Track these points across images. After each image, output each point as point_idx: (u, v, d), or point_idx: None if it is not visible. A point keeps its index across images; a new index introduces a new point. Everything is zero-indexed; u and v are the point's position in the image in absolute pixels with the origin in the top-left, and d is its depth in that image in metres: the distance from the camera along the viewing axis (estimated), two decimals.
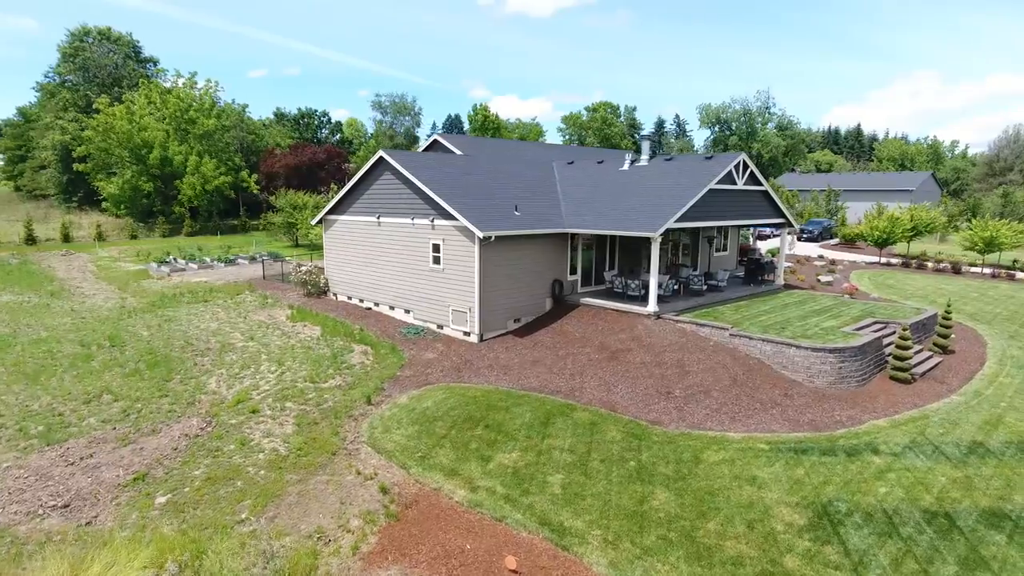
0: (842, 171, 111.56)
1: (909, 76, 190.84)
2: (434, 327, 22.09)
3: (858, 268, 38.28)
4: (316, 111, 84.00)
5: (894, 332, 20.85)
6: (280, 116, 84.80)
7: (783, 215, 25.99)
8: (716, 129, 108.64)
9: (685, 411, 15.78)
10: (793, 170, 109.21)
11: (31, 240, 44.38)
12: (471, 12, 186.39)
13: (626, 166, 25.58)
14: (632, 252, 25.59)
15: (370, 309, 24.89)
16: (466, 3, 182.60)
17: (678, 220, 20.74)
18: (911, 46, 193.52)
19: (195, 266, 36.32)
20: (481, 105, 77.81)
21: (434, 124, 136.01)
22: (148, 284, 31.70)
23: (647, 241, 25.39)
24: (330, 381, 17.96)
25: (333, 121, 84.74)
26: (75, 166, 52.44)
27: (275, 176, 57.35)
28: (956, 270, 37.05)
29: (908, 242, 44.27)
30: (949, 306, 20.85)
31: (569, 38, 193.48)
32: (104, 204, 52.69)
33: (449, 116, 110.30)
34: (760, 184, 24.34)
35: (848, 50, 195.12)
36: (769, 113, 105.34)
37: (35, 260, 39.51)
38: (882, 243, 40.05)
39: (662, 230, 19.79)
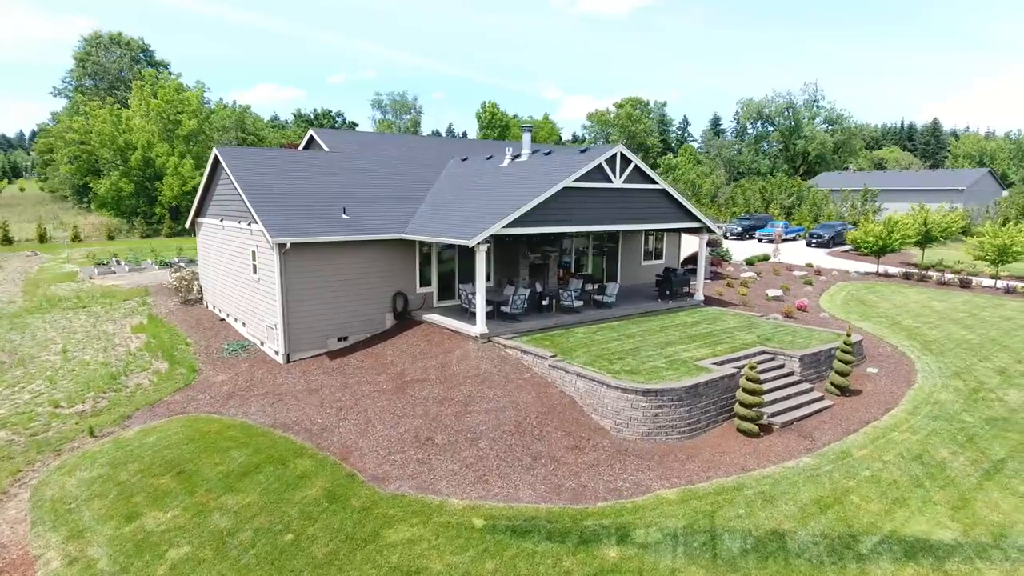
0: (915, 168, 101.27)
1: (1009, 70, 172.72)
2: (259, 343, 19.76)
3: (848, 279, 33.06)
4: (331, 111, 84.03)
5: (782, 365, 16.76)
6: (298, 116, 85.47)
7: (695, 218, 21.97)
8: (759, 125, 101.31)
9: (428, 464, 12.66)
10: (847, 168, 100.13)
11: (7, 240, 45.54)
12: (543, 13, 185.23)
13: (506, 162, 22.36)
14: (509, 261, 22.35)
15: (223, 320, 22.87)
16: (538, 4, 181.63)
17: (519, 225, 17.45)
18: (1008, 38, 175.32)
19: (127, 268, 35.67)
20: (490, 103, 75.35)
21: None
22: (62, 287, 31.04)
23: (519, 248, 22.19)
24: (78, 406, 15.93)
25: (347, 121, 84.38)
26: (61, 168, 53.83)
27: None
28: (964, 283, 31.20)
29: (922, 248, 38.17)
30: (849, 334, 16.45)
31: (642, 36, 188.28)
32: (91, 205, 53.84)
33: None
34: (653, 182, 20.51)
35: (937, 43, 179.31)
36: (817, 107, 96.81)
37: None
38: (878, 251, 34.46)
39: (481, 238, 16.57)
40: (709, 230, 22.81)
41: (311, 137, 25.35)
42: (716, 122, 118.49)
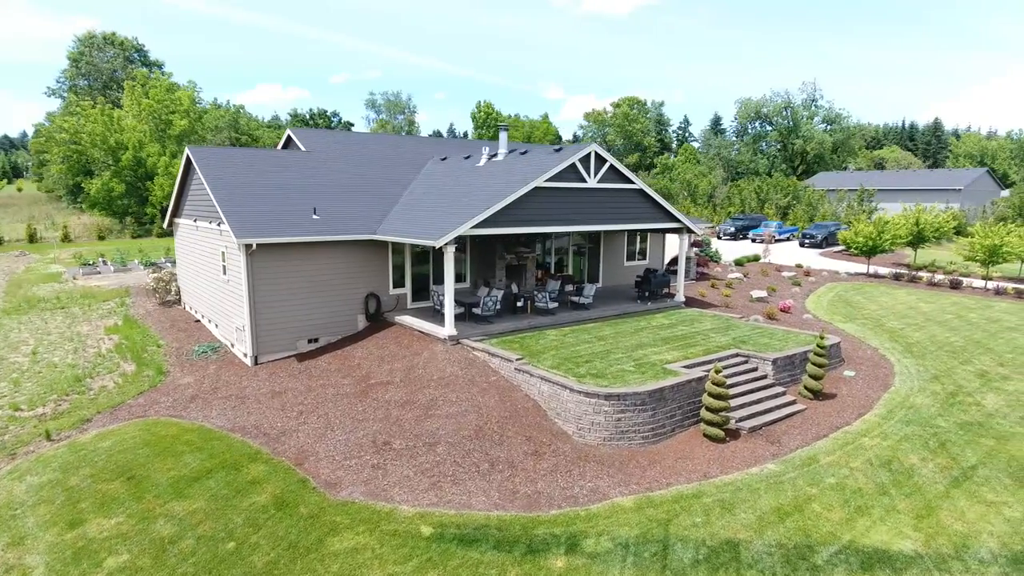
0: (914, 168, 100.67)
1: (1011, 70, 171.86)
2: (229, 345, 19.53)
3: (837, 280, 32.72)
4: (327, 111, 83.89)
5: (755, 368, 16.46)
6: (294, 116, 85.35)
7: (674, 218, 21.66)
8: (757, 125, 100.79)
9: (383, 470, 12.41)
10: (846, 168, 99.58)
11: None
12: (546, 13, 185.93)
13: (482, 161, 22.10)
14: (485, 262, 22.08)
15: (198, 321, 22.65)
16: (541, 4, 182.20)
17: (489, 225, 17.19)
18: (1010, 38, 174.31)
19: (112, 269, 35.50)
20: (485, 103, 75.12)
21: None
22: (44, 287, 30.88)
23: (495, 249, 21.94)
24: (39, 409, 15.71)
25: (343, 121, 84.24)
26: (53, 168, 53.74)
27: None
28: (955, 285, 30.83)
29: (915, 249, 37.77)
30: (823, 337, 16.15)
31: (645, 36, 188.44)
32: (83, 206, 53.74)
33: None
34: (630, 182, 20.22)
35: (939, 43, 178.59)
36: (815, 106, 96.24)
37: None
38: (868, 251, 34.08)
39: (448, 239, 16.31)
40: (689, 230, 22.50)
41: (288, 137, 25.10)
42: (716, 122, 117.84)
